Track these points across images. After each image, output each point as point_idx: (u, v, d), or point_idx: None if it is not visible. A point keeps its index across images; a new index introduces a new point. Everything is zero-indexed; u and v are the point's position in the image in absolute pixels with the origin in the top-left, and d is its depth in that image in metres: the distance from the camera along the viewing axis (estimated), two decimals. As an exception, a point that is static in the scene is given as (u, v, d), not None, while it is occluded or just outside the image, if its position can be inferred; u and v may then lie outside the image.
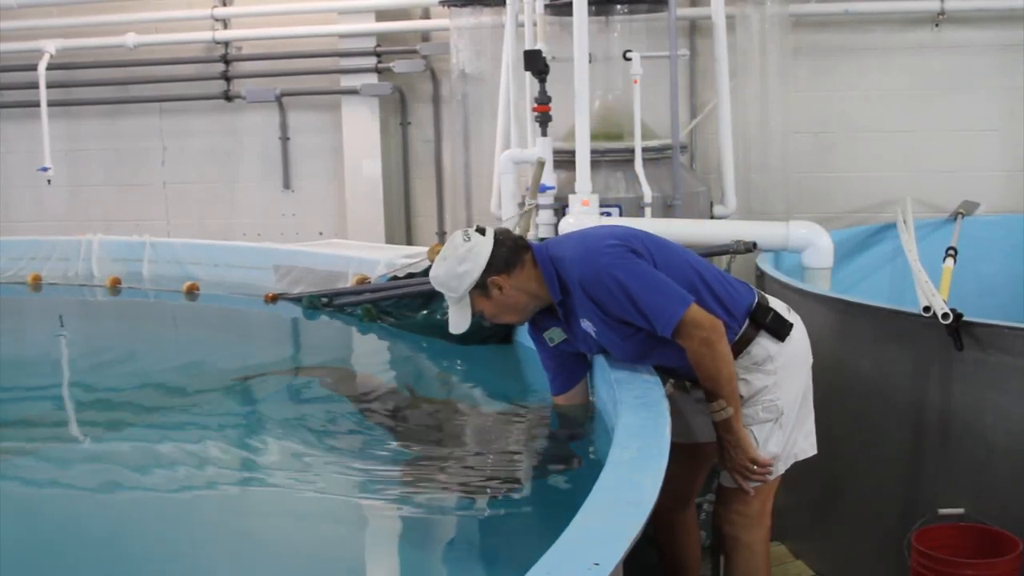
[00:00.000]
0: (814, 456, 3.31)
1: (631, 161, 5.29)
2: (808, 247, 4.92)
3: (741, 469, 3.07)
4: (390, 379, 4.24)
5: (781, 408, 3.12)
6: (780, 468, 3.18)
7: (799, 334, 3.18)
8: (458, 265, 3.07)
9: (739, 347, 3.06)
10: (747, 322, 3.08)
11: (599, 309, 3.00)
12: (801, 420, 3.20)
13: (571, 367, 3.30)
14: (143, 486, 3.12)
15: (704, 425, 3.25)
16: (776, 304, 3.19)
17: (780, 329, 3.12)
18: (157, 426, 3.62)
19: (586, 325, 3.09)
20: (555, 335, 3.24)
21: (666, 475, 2.37)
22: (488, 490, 2.93)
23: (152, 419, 3.73)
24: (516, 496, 2.92)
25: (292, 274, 5.53)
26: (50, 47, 7.35)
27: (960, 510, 3.60)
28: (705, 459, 3.33)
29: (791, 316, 3.19)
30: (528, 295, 3.12)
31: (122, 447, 3.43)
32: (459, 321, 3.18)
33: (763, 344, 3.10)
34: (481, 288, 3.08)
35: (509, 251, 3.10)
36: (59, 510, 3.04)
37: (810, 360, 3.23)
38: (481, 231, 3.13)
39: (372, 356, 4.65)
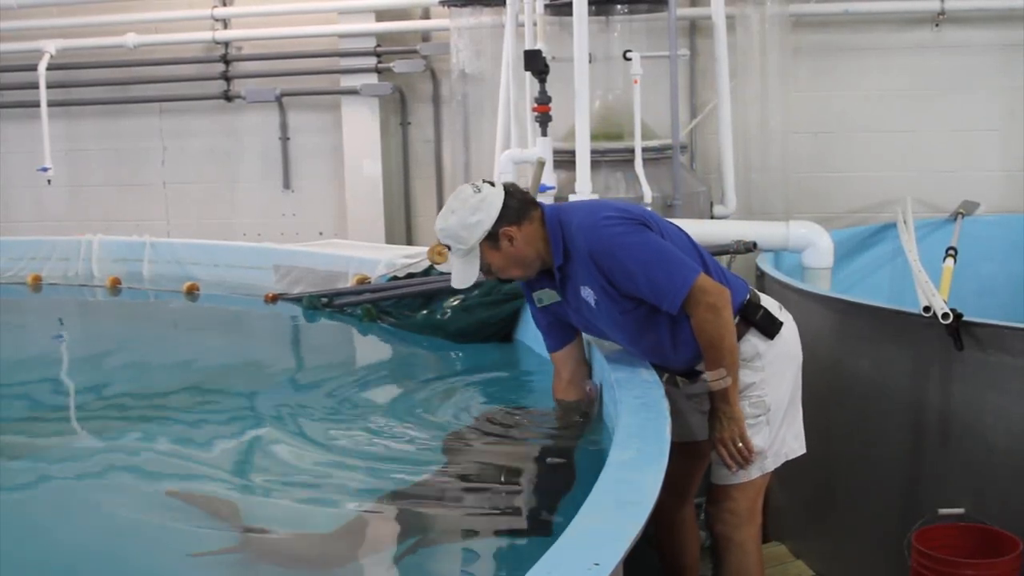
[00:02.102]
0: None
1: (631, 161, 5.29)
2: (808, 247, 4.93)
3: (729, 442, 3.06)
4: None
5: (768, 404, 3.13)
6: (769, 466, 3.17)
7: (789, 332, 3.19)
8: (470, 215, 3.03)
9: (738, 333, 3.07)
10: (737, 318, 3.09)
11: (605, 280, 2.99)
12: (791, 419, 3.20)
13: (561, 327, 3.30)
14: (142, 486, 3.12)
15: (701, 423, 3.25)
16: (767, 302, 3.20)
17: (769, 327, 3.13)
18: (157, 427, 3.62)
19: (586, 293, 3.07)
20: (545, 296, 3.21)
21: (665, 474, 2.37)
22: (489, 490, 2.93)
23: (152, 419, 3.72)
24: (517, 496, 2.92)
25: (292, 274, 5.53)
26: (50, 47, 7.35)
27: (960, 510, 3.60)
28: (703, 457, 3.33)
29: (782, 315, 3.19)
30: (535, 250, 3.09)
31: (121, 447, 3.42)
32: (465, 275, 3.12)
33: (752, 341, 3.12)
34: (492, 239, 3.04)
35: (520, 203, 3.09)
36: (58, 509, 3.04)
37: (800, 359, 3.23)
38: (491, 183, 3.11)
39: (372, 356, 4.65)
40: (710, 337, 2.97)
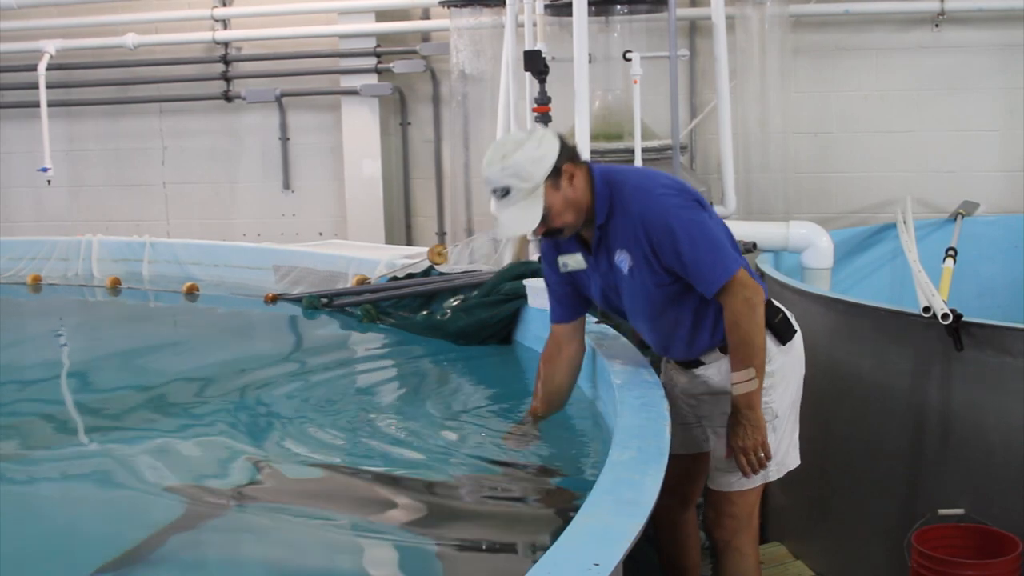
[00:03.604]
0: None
1: (631, 161, 5.29)
2: (808, 247, 4.93)
3: (749, 451, 2.99)
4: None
5: (776, 411, 3.09)
6: (772, 475, 3.14)
7: (799, 342, 3.17)
8: (536, 148, 2.91)
9: None
10: None
11: (650, 249, 2.93)
12: (791, 429, 3.18)
13: (575, 299, 3.22)
14: (142, 487, 3.12)
15: (705, 436, 3.23)
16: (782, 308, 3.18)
17: (785, 332, 3.10)
18: (156, 427, 3.61)
19: (621, 258, 3.00)
20: (571, 262, 3.12)
21: (667, 477, 2.37)
22: (488, 490, 2.93)
23: (151, 420, 3.72)
24: (516, 496, 2.92)
25: (292, 274, 5.53)
26: (50, 47, 7.35)
27: (960, 510, 3.60)
28: (706, 462, 3.32)
29: (794, 323, 3.18)
30: (586, 198, 2.99)
31: (121, 448, 3.42)
32: (526, 219, 2.93)
33: (765, 343, 3.08)
34: (555, 176, 2.91)
35: (572, 145, 3.01)
36: (57, 510, 3.04)
37: (803, 371, 3.20)
38: None
39: (371, 357, 4.64)
40: (744, 332, 2.92)
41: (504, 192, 2.92)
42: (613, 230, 3.00)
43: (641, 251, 2.95)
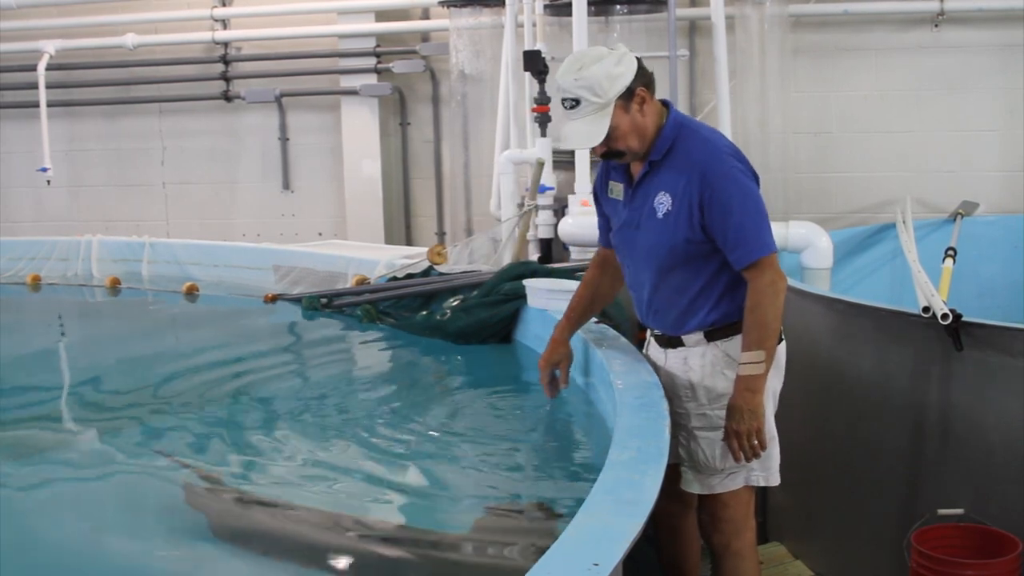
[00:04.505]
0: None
1: (631, 161, 5.28)
2: (807, 247, 4.93)
3: (743, 435, 2.93)
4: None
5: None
6: (754, 479, 3.08)
7: (782, 351, 3.11)
8: (615, 65, 2.89)
9: (736, 330, 2.99)
10: None
11: (699, 201, 2.91)
12: (773, 441, 3.11)
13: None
14: (139, 486, 3.12)
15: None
16: None
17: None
18: (154, 427, 3.61)
19: (661, 200, 2.98)
20: (615, 189, 3.13)
21: (668, 480, 2.36)
22: (486, 490, 2.93)
23: (151, 420, 3.72)
24: (516, 496, 2.92)
25: (292, 274, 5.53)
26: (50, 47, 7.37)
27: (960, 510, 3.60)
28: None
29: (782, 333, 3.13)
30: (652, 127, 2.98)
31: (120, 448, 3.42)
32: (591, 134, 2.93)
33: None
34: (627, 97, 2.91)
35: (650, 74, 2.99)
36: (57, 510, 3.04)
37: (780, 385, 3.13)
38: None
39: (371, 357, 4.64)
40: (763, 314, 2.89)
41: (574, 103, 2.93)
42: (665, 170, 2.99)
43: (688, 200, 2.94)
